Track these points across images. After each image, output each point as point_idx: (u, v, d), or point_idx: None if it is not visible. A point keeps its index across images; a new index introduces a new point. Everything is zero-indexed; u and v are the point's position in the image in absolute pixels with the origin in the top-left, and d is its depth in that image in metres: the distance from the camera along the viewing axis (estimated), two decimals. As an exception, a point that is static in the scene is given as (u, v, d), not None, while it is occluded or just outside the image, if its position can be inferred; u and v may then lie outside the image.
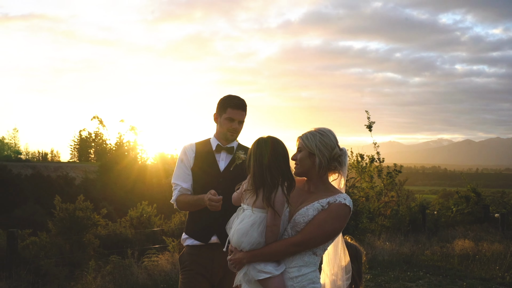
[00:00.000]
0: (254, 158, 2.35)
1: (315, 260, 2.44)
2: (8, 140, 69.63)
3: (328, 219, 2.38)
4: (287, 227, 2.43)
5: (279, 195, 2.29)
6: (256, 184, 2.32)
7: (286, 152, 2.40)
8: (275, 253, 2.36)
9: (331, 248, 2.63)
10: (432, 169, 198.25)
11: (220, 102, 3.23)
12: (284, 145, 2.41)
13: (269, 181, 2.30)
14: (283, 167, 2.34)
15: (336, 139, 2.52)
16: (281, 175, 2.33)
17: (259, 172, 2.32)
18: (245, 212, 2.37)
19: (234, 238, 2.37)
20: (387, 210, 12.98)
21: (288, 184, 2.35)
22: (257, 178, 2.32)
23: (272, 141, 2.39)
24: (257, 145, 2.38)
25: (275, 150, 2.36)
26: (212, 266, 3.07)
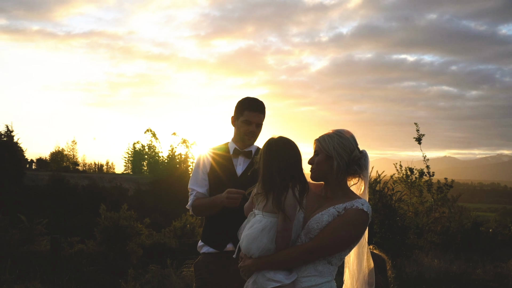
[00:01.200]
0: (264, 159, 2.24)
1: (330, 270, 2.28)
2: (67, 152, 72.78)
3: (343, 225, 2.23)
4: (301, 233, 2.29)
5: (290, 198, 2.16)
6: (266, 187, 2.21)
7: (298, 153, 2.27)
8: (285, 260, 2.22)
9: (354, 259, 2.47)
10: (491, 186, 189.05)
11: (238, 105, 3.14)
12: (296, 146, 2.29)
13: (279, 183, 2.18)
14: (294, 169, 2.22)
15: (355, 141, 2.37)
16: (292, 178, 2.20)
17: (269, 174, 2.21)
18: (256, 217, 2.26)
19: (243, 244, 2.26)
20: (437, 226, 12.45)
21: (300, 187, 2.23)
22: (266, 180, 2.21)
23: (282, 142, 2.27)
24: (267, 146, 2.27)
25: (286, 151, 2.24)
26: (228, 274, 2.98)
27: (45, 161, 66.55)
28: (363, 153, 2.38)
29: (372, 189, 10.26)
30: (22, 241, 8.95)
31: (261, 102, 3.15)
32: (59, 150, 71.77)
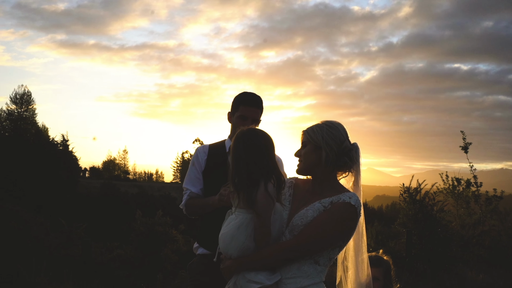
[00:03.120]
0: (232, 155, 2.11)
1: (317, 271, 2.07)
2: (118, 161, 75.02)
3: (329, 220, 2.03)
4: (285, 231, 2.12)
5: (261, 194, 2.00)
6: (235, 184, 2.07)
7: (268, 145, 2.11)
8: (266, 260, 2.03)
9: (351, 263, 2.28)
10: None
11: (233, 100, 3.01)
12: (267, 138, 2.13)
13: (246, 179, 2.03)
14: (263, 162, 2.05)
15: (346, 133, 2.19)
16: (262, 172, 2.04)
17: (236, 169, 2.07)
18: (232, 215, 2.12)
19: (220, 244, 2.12)
20: (486, 239, 11.79)
21: (275, 181, 2.06)
22: (235, 176, 2.07)
23: (250, 134, 2.12)
24: (234, 140, 2.13)
25: (253, 143, 2.08)
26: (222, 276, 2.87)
27: (98, 169, 68.91)
28: (354, 145, 2.20)
29: (412, 199, 9.86)
30: (61, 245, 9.22)
31: (258, 97, 3.00)
32: (111, 159, 74.17)
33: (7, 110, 51.53)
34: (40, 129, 53.01)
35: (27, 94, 53.19)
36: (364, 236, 2.27)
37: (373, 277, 2.62)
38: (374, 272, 2.62)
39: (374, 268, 2.63)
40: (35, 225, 9.55)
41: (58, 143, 51.47)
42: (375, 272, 2.64)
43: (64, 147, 51.24)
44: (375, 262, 2.70)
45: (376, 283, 2.62)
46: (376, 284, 2.63)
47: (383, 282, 2.68)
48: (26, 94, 53.11)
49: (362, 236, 2.25)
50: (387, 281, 2.70)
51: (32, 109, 53.20)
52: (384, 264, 2.72)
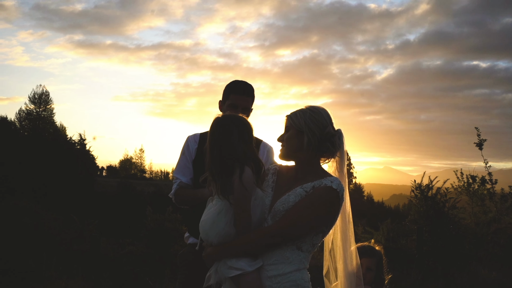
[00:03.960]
0: (208, 141, 2.09)
1: (300, 257, 2.04)
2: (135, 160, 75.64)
3: (310, 205, 2.01)
4: (268, 218, 2.09)
5: (237, 179, 1.98)
6: (211, 171, 2.05)
7: (243, 131, 2.08)
8: (247, 246, 2.00)
9: (339, 253, 2.24)
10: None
11: (224, 89, 2.99)
12: (243, 124, 2.10)
13: (220, 165, 2.02)
14: (238, 148, 2.02)
15: (330, 118, 2.16)
16: (238, 158, 2.01)
17: (211, 156, 2.05)
18: (212, 202, 2.10)
19: (200, 231, 2.09)
20: (501, 237, 11.60)
21: (254, 167, 2.04)
22: (211, 163, 2.05)
23: (224, 120, 2.10)
24: (210, 127, 2.11)
25: (227, 129, 2.06)
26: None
27: (115, 168, 69.61)
28: (338, 132, 2.17)
29: (423, 196, 9.75)
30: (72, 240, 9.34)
31: (249, 85, 2.97)
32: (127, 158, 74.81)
33: (26, 110, 52.36)
34: (58, 128, 53.74)
35: (45, 94, 53.96)
36: (351, 225, 2.24)
37: (366, 267, 2.60)
38: (367, 263, 2.60)
39: (367, 259, 2.61)
40: (47, 221, 9.69)
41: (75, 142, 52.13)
42: (368, 262, 2.62)
43: (81, 146, 51.83)
44: (368, 253, 2.67)
45: (369, 273, 2.60)
46: (369, 274, 2.61)
47: (375, 273, 2.65)
48: (44, 94, 53.87)
49: (349, 224, 2.22)
50: (379, 272, 2.67)
51: (50, 109, 53.94)
52: (377, 254, 2.69)
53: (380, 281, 2.66)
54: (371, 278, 2.62)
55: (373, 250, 2.70)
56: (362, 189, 70.99)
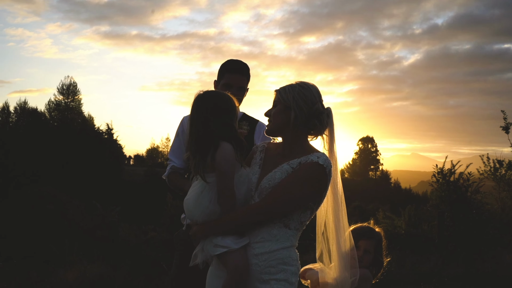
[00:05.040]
0: (189, 118, 2.06)
1: (287, 235, 2.00)
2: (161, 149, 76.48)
3: (296, 181, 1.96)
4: (255, 195, 2.05)
5: (218, 155, 1.94)
6: (190, 149, 2.03)
7: (222, 107, 2.03)
8: (232, 223, 1.97)
9: (331, 234, 2.17)
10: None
11: (219, 68, 2.95)
12: (223, 100, 2.05)
13: (195, 143, 2.00)
14: (215, 125, 1.98)
15: (319, 95, 2.11)
16: (218, 134, 1.97)
17: (191, 132, 2.02)
18: (196, 180, 2.07)
19: (185, 210, 2.07)
20: (528, 223, 11.31)
21: (235, 144, 1.99)
22: (191, 140, 2.02)
23: (203, 96, 2.06)
24: (191, 104, 2.07)
25: (206, 105, 2.02)
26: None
27: (142, 157, 70.60)
28: (327, 109, 2.12)
29: (445, 181, 9.56)
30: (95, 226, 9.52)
31: (244, 64, 2.93)
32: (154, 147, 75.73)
33: (55, 101, 53.40)
34: (86, 118, 54.65)
35: (73, 84, 54.85)
36: (344, 206, 2.17)
37: (364, 249, 2.54)
38: (365, 245, 2.54)
39: (365, 241, 2.55)
40: (71, 208, 9.90)
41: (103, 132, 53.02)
42: (366, 244, 2.55)
43: (109, 136, 52.69)
44: (367, 234, 2.60)
45: (366, 256, 2.53)
46: (367, 257, 2.53)
47: (375, 256, 2.58)
48: (72, 85, 54.77)
49: (342, 205, 2.16)
50: (378, 254, 2.59)
51: (78, 99, 54.85)
52: (376, 236, 2.61)
53: (378, 264, 2.59)
54: (369, 260, 2.55)
55: (372, 232, 2.62)
56: (389, 176, 70.18)
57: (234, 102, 2.08)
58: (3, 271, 6.60)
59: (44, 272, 6.87)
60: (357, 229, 2.61)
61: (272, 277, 1.94)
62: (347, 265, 2.21)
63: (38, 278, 6.61)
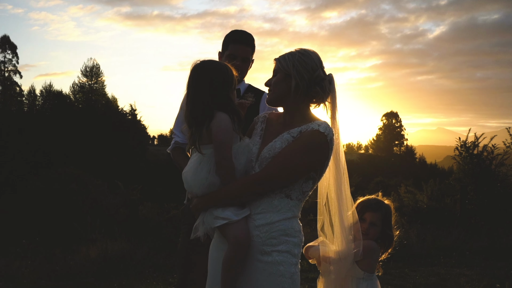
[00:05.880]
0: (186, 89, 2.00)
1: (289, 205, 1.94)
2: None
3: (296, 149, 1.90)
4: (255, 166, 2.00)
5: (214, 124, 1.90)
6: (187, 120, 1.97)
7: (219, 76, 1.96)
8: (231, 194, 1.92)
9: (333, 205, 2.13)
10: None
11: (223, 39, 2.88)
12: (220, 70, 1.97)
13: (190, 113, 1.95)
14: (211, 95, 1.92)
15: (320, 62, 2.03)
16: (209, 106, 1.92)
17: (187, 103, 1.97)
18: (194, 153, 2.01)
19: (184, 183, 2.03)
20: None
21: (231, 114, 1.94)
22: (187, 111, 1.97)
23: (200, 66, 1.99)
24: (188, 74, 2.01)
25: (200, 76, 1.96)
26: None
27: (166, 137, 71.24)
28: (329, 76, 2.04)
29: (468, 154, 9.35)
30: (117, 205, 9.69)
31: (249, 34, 2.85)
32: (177, 126, 76.19)
33: (79, 83, 54.09)
34: (110, 100, 55.26)
35: (96, 66, 55.38)
36: (346, 176, 2.10)
37: (370, 222, 2.48)
38: (371, 217, 2.47)
39: (371, 213, 2.47)
40: (94, 188, 10.08)
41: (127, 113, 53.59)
42: (372, 217, 2.47)
43: (132, 117, 53.25)
44: (373, 207, 2.52)
45: (372, 228, 2.45)
46: (373, 229, 2.46)
47: (382, 228, 2.51)
48: (95, 67, 55.30)
49: (344, 175, 2.09)
50: (386, 227, 2.51)
51: (102, 81, 55.38)
52: (383, 208, 2.52)
53: (387, 237, 2.51)
54: (376, 233, 2.47)
55: (379, 204, 2.54)
56: (414, 151, 69.28)
57: (232, 72, 2.01)
58: (27, 249, 6.77)
59: (68, 249, 7.04)
60: (363, 201, 2.54)
61: (274, 248, 1.90)
62: (349, 237, 2.17)
63: (61, 255, 6.78)
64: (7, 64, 52.46)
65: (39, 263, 6.57)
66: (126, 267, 6.09)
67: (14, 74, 52.87)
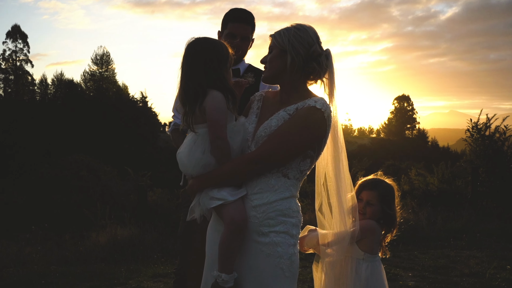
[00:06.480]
0: (180, 67, 1.95)
1: (286, 185, 1.89)
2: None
3: (292, 126, 1.85)
4: (251, 145, 1.95)
5: (207, 102, 1.85)
6: (180, 99, 1.93)
7: (212, 55, 1.90)
8: (227, 174, 1.87)
9: (331, 184, 2.08)
10: None
11: (223, 18, 2.81)
12: (214, 47, 1.92)
13: (182, 92, 1.91)
14: (204, 74, 1.87)
15: (316, 37, 1.96)
16: (201, 84, 1.87)
17: (180, 82, 1.93)
18: (190, 133, 1.98)
19: (179, 164, 1.99)
20: None
21: (225, 93, 1.89)
22: (180, 89, 1.93)
23: (192, 43, 1.94)
24: (183, 52, 1.96)
25: (194, 53, 1.91)
26: None
27: (177, 124, 71.48)
28: (326, 51, 1.97)
29: (480, 135, 9.22)
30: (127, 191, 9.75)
31: (248, 13, 2.78)
32: (188, 113, 76.44)
33: (90, 71, 54.31)
34: (121, 87, 55.42)
35: (106, 54, 55.53)
36: (345, 154, 2.05)
37: (366, 201, 2.40)
38: (366, 196, 2.39)
39: (366, 192, 2.40)
40: (103, 174, 10.13)
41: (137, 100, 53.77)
42: (368, 195, 2.40)
43: (143, 104, 53.44)
44: (369, 185, 2.44)
45: (369, 207, 2.38)
46: (369, 208, 2.38)
47: (380, 207, 2.42)
48: (106, 55, 55.46)
49: (342, 153, 2.03)
50: (385, 206, 2.43)
51: (112, 69, 55.56)
52: (379, 186, 2.43)
53: (387, 217, 2.44)
54: (373, 212, 2.40)
55: (375, 183, 2.46)
56: (426, 134, 68.75)
57: (227, 50, 1.96)
58: (37, 235, 6.84)
59: (78, 235, 7.10)
60: (361, 181, 2.49)
61: (272, 229, 1.86)
62: (348, 217, 2.13)
63: (71, 241, 6.84)
64: (18, 53, 52.76)
65: (50, 249, 6.64)
66: (135, 252, 6.13)
67: (26, 63, 53.18)
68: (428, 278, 4.80)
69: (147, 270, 5.36)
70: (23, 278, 5.14)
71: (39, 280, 5.02)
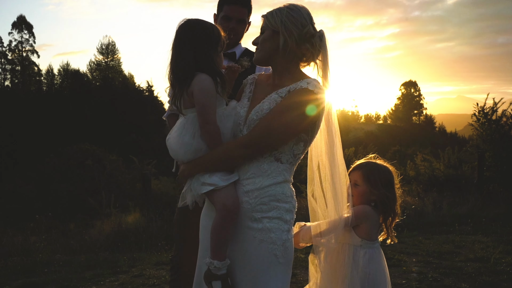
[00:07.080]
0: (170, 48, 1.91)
1: (279, 169, 1.84)
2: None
3: (283, 109, 1.80)
4: (243, 129, 1.90)
5: (194, 84, 1.80)
6: (168, 79, 1.90)
7: (202, 38, 1.85)
8: (218, 159, 1.83)
9: (324, 171, 2.02)
10: None
11: (218, 0, 2.75)
12: (203, 29, 1.86)
13: (172, 74, 1.86)
14: (193, 56, 1.82)
15: (310, 17, 1.90)
16: (190, 67, 1.82)
17: (170, 64, 1.88)
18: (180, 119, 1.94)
19: (169, 149, 1.95)
20: None
21: (214, 76, 1.84)
22: (168, 72, 1.88)
23: (182, 25, 1.89)
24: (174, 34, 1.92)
25: (184, 35, 1.86)
26: None
27: (183, 112, 71.55)
28: (319, 32, 1.91)
29: (487, 120, 9.11)
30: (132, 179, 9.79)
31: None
32: (194, 102, 76.47)
33: (96, 61, 54.38)
34: (126, 77, 55.48)
35: (112, 44, 55.53)
36: (339, 139, 1.99)
37: (353, 182, 2.31)
38: (352, 177, 2.31)
39: (352, 173, 2.32)
40: (109, 163, 10.15)
41: (143, 90, 53.86)
42: (353, 176, 2.32)
43: (149, 93, 53.52)
44: (356, 166, 2.37)
45: (355, 189, 2.28)
46: (356, 190, 2.29)
47: (367, 188, 2.32)
48: (111, 44, 55.46)
49: (336, 137, 1.97)
50: (373, 187, 2.32)
51: (118, 58, 55.59)
52: (364, 166, 2.34)
53: (384, 198, 2.33)
54: (358, 193, 2.30)
55: (362, 164, 2.37)
56: (433, 120, 68.32)
57: (219, 33, 1.91)
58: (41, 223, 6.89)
59: (82, 224, 7.15)
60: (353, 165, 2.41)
61: (265, 215, 1.82)
62: (342, 202, 2.07)
63: (76, 230, 6.89)
64: (24, 44, 52.85)
65: (55, 237, 6.68)
66: (139, 240, 6.15)
67: (32, 54, 53.30)
68: (432, 263, 4.77)
69: (150, 258, 5.37)
70: (28, 266, 5.18)
71: (43, 269, 5.05)
